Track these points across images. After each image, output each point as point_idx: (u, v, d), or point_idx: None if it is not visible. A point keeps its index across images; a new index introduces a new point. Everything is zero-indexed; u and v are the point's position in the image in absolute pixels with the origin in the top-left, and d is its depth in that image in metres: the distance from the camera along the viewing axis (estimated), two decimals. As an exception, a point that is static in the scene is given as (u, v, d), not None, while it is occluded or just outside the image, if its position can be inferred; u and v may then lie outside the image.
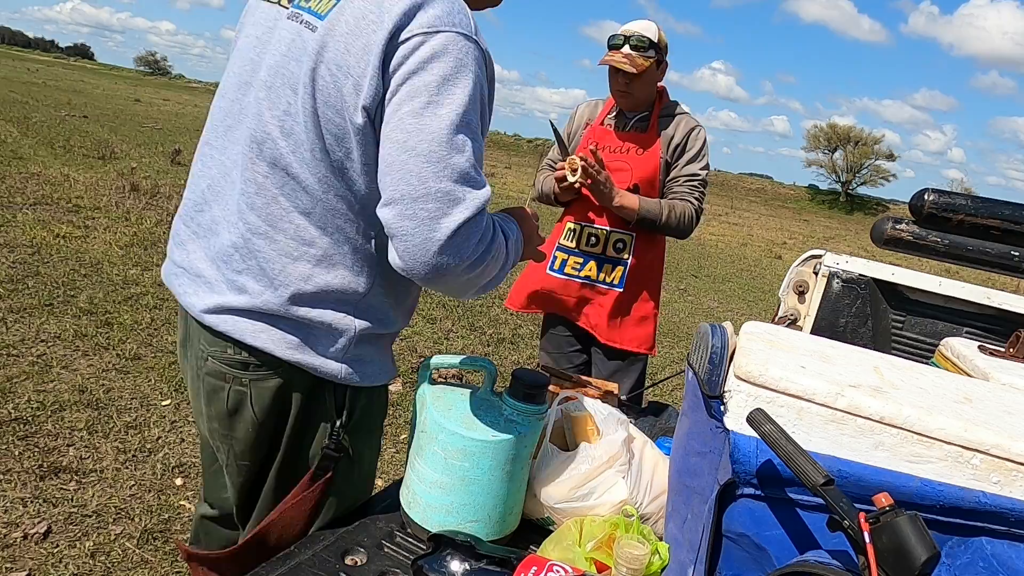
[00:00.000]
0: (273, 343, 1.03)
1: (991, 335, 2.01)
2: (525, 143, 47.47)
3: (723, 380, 0.88)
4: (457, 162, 0.89)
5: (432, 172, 0.88)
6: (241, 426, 1.08)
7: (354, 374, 1.07)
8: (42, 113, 14.84)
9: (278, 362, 1.04)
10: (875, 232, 2.14)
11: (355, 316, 1.05)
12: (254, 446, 1.10)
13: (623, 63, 1.95)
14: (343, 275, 1.02)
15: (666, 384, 4.36)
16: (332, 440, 1.08)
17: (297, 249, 1.01)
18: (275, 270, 1.02)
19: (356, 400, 1.10)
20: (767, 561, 0.79)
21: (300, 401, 1.07)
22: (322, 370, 1.04)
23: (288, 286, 1.01)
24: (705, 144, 2.07)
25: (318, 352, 1.04)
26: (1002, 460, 0.75)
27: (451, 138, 0.89)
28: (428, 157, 0.88)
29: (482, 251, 0.93)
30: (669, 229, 2.02)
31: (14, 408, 2.67)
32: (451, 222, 0.88)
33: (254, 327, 1.03)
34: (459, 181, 0.89)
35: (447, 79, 0.90)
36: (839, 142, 48.44)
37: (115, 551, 2.02)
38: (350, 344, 1.05)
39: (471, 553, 0.87)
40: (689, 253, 11.40)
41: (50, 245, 4.88)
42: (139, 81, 60.39)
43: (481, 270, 0.95)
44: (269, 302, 1.02)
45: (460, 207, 0.89)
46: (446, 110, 0.89)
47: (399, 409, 3.34)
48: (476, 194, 0.91)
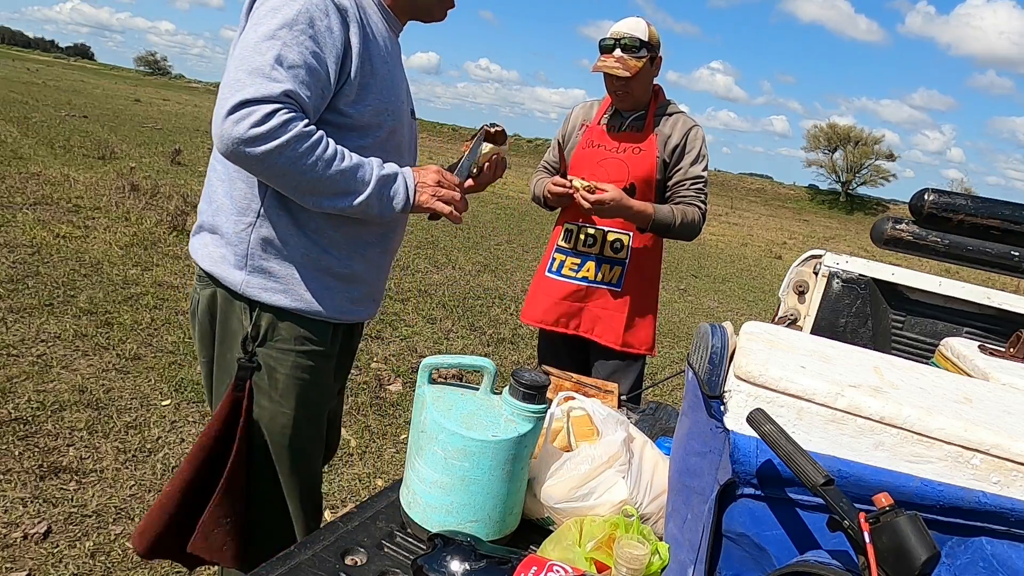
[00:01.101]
0: (201, 257, 1.28)
1: (991, 335, 2.01)
2: (525, 143, 47.45)
3: (723, 380, 0.88)
4: (253, 60, 1.10)
5: (233, 67, 1.11)
6: (197, 328, 1.34)
7: (255, 287, 1.24)
8: (42, 113, 14.84)
9: (208, 273, 1.27)
10: (875, 232, 2.14)
11: (255, 227, 1.23)
12: (202, 347, 1.34)
13: (616, 68, 1.94)
14: (241, 187, 1.23)
15: (666, 384, 4.36)
16: (243, 351, 1.26)
17: (224, 171, 1.25)
18: (211, 191, 1.28)
19: (264, 315, 1.26)
20: (767, 561, 0.79)
21: (223, 309, 1.28)
22: (227, 280, 1.24)
23: (214, 202, 1.26)
24: (704, 143, 2.07)
25: (227, 265, 1.24)
26: (1002, 460, 0.75)
27: (257, 45, 1.10)
28: (236, 58, 1.12)
29: (265, 133, 1.07)
30: (679, 234, 2.03)
31: (14, 408, 2.67)
32: (232, 100, 1.07)
33: (200, 242, 1.29)
34: (251, 73, 1.09)
35: (274, 9, 1.13)
36: (839, 142, 48.42)
37: (115, 551, 2.02)
38: (248, 253, 1.23)
39: (471, 553, 0.87)
40: (689, 253, 11.40)
41: (50, 245, 4.88)
42: (139, 81, 60.39)
43: (273, 153, 1.09)
44: (205, 219, 1.28)
45: (243, 90, 1.08)
46: (262, 28, 1.12)
47: (399, 409, 3.34)
48: (264, 84, 1.09)
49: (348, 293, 1.32)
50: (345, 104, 1.22)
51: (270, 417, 1.28)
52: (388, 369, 3.79)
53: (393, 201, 1.25)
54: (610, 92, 2.06)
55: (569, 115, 2.25)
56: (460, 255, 7.53)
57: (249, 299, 1.25)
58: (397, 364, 3.91)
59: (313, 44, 1.14)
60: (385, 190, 1.23)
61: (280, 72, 1.10)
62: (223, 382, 1.30)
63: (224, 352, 1.29)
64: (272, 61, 1.10)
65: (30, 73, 36.30)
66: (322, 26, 1.14)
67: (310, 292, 1.26)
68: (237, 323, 1.27)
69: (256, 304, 1.25)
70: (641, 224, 1.99)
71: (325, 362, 1.34)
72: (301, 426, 1.31)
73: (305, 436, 1.33)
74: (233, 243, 1.23)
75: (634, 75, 1.95)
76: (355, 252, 1.30)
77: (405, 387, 3.57)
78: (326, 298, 1.28)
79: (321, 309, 1.28)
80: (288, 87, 1.10)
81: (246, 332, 1.25)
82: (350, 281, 1.31)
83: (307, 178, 1.14)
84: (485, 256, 7.78)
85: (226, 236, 1.24)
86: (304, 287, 1.26)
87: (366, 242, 1.31)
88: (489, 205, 12.92)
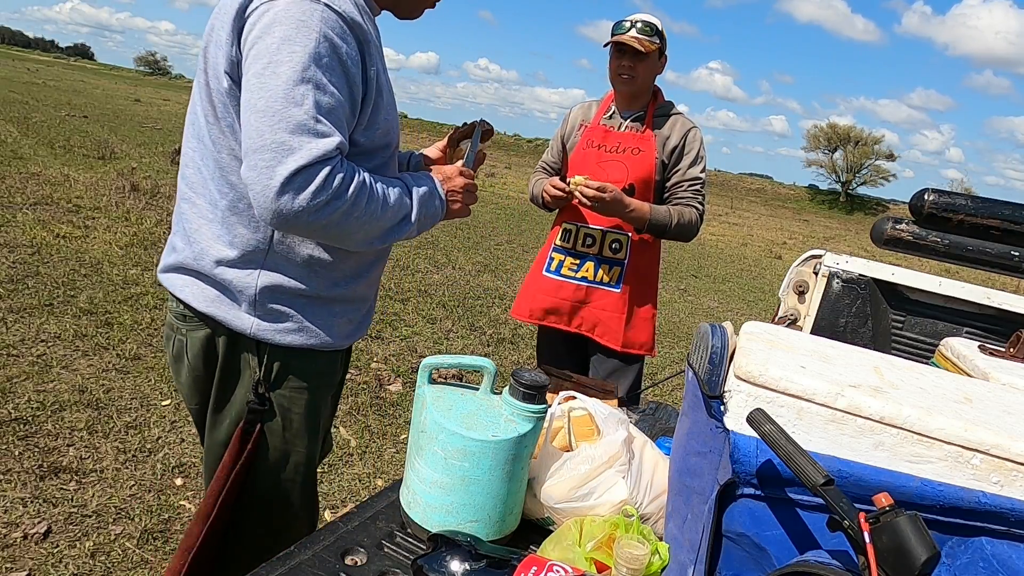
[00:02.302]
0: (194, 297, 1.15)
1: (991, 335, 2.01)
2: (525, 143, 47.46)
3: (723, 380, 0.88)
4: (293, 114, 0.96)
5: (267, 125, 0.96)
6: (183, 372, 1.22)
7: (266, 330, 1.15)
8: (42, 113, 14.84)
9: (203, 314, 1.16)
10: (875, 232, 2.14)
11: (262, 271, 1.13)
12: (193, 391, 1.23)
13: (632, 41, 1.97)
14: (242, 233, 1.12)
15: (666, 384, 4.36)
16: (255, 394, 1.17)
17: (211, 211, 1.12)
18: (192, 229, 1.15)
19: (275, 357, 1.17)
20: (767, 561, 0.79)
21: (224, 352, 1.17)
22: (233, 324, 1.14)
23: (199, 243, 1.14)
24: (702, 145, 2.08)
25: (230, 306, 1.14)
26: (1002, 460, 0.75)
27: (288, 93, 0.96)
28: (264, 112, 0.97)
29: (330, 197, 0.99)
30: (676, 235, 2.04)
31: (14, 408, 2.67)
32: (284, 170, 0.95)
33: (183, 281, 1.17)
34: (295, 132, 0.96)
35: (287, 39, 0.98)
36: (839, 142, 48.41)
37: (115, 551, 2.02)
38: (256, 299, 1.13)
39: (471, 553, 0.87)
40: (689, 253, 11.40)
41: (50, 245, 4.88)
42: (139, 81, 60.40)
43: (340, 216, 1.02)
44: (188, 259, 1.15)
45: (295, 156, 0.96)
46: (284, 68, 0.97)
47: (399, 409, 3.34)
48: (315, 143, 0.97)
49: (353, 316, 1.27)
50: (358, 133, 1.12)
51: (281, 457, 1.22)
52: (388, 369, 3.79)
53: (433, 219, 1.21)
54: (615, 75, 2.06)
55: (568, 115, 2.25)
56: (460, 255, 7.53)
57: (258, 340, 1.16)
58: (397, 364, 3.91)
59: (343, 77, 1.03)
60: (426, 209, 1.18)
61: (324, 124, 0.99)
62: (222, 424, 1.22)
63: (225, 394, 1.20)
64: (313, 111, 0.98)
65: (30, 73, 36.30)
66: (343, 53, 1.02)
67: (321, 326, 1.20)
68: (243, 364, 1.18)
69: (266, 345, 1.16)
70: (637, 224, 2.00)
71: (331, 392, 1.31)
72: (314, 458, 1.28)
73: (315, 465, 1.30)
74: (237, 288, 1.13)
75: (648, 54, 1.98)
76: (361, 276, 1.25)
77: (405, 387, 3.57)
78: (335, 327, 1.22)
79: (332, 340, 1.22)
80: (338, 139, 1.00)
81: (256, 375, 1.17)
82: (354, 302, 1.26)
83: (368, 228, 1.08)
84: (485, 256, 7.78)
85: (226, 282, 1.14)
86: (316, 322, 1.19)
87: (370, 262, 1.27)
88: (489, 205, 12.92)
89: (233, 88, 1.05)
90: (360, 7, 1.10)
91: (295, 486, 1.26)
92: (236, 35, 1.03)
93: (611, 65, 2.06)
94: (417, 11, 1.29)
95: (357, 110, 1.09)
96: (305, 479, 1.27)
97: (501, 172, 22.49)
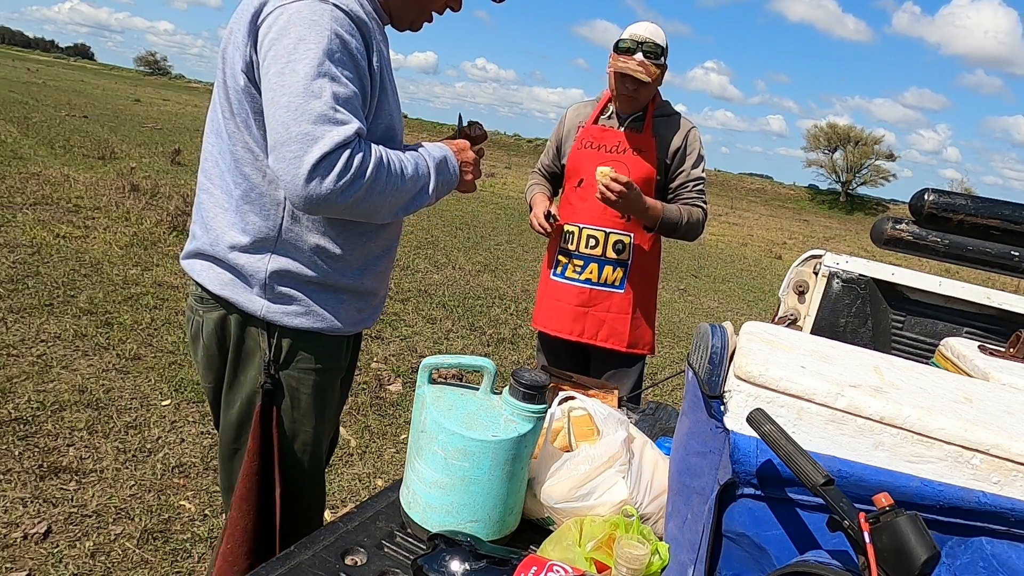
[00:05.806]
0: (209, 280, 1.24)
1: (991, 335, 2.01)
2: (525, 143, 47.46)
3: (723, 380, 0.88)
4: (314, 106, 1.04)
5: (292, 118, 1.04)
6: (200, 351, 1.31)
7: (275, 312, 1.23)
8: (42, 113, 14.84)
9: (218, 296, 1.24)
10: (875, 232, 2.14)
11: (272, 256, 1.21)
12: (208, 370, 1.32)
13: (638, 71, 1.93)
14: (254, 220, 1.20)
15: (666, 384, 4.36)
16: (265, 375, 1.25)
17: (227, 200, 1.21)
18: (209, 217, 1.24)
19: (284, 338, 1.25)
20: (767, 561, 0.79)
21: (236, 332, 1.25)
22: (245, 306, 1.22)
23: (215, 230, 1.22)
24: (701, 144, 2.09)
25: (243, 289, 1.22)
26: (1002, 460, 0.75)
27: (308, 87, 1.05)
28: (288, 107, 1.05)
29: (353, 177, 1.07)
30: (685, 234, 2.04)
31: (14, 408, 2.67)
32: (311, 158, 1.03)
33: (200, 266, 1.26)
34: (317, 122, 1.04)
35: (302, 39, 1.06)
36: (839, 142, 48.40)
37: (115, 551, 2.02)
38: (266, 282, 1.21)
39: (471, 553, 0.87)
40: (689, 253, 11.40)
41: (50, 245, 4.88)
42: (139, 81, 60.40)
43: (364, 193, 1.10)
44: (205, 245, 1.24)
45: (319, 144, 1.04)
46: (301, 65, 1.05)
47: (399, 409, 3.34)
48: (336, 130, 1.05)
49: (360, 305, 1.33)
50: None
51: (291, 435, 1.30)
52: (388, 369, 3.79)
53: (448, 186, 1.29)
54: (618, 94, 2.05)
55: (564, 116, 2.24)
56: (460, 255, 7.53)
57: (268, 322, 1.23)
58: (397, 364, 3.91)
59: (354, 69, 1.12)
60: (442, 176, 1.27)
61: (343, 112, 1.07)
62: (235, 404, 1.29)
63: (237, 374, 1.28)
64: (332, 102, 1.06)
65: (30, 73, 36.30)
66: (353, 47, 1.11)
67: (328, 311, 1.27)
68: (254, 345, 1.25)
69: (276, 327, 1.24)
70: (650, 222, 1.99)
71: (339, 375, 1.36)
72: (321, 440, 1.34)
73: (321, 448, 1.36)
74: (248, 272, 1.21)
75: (653, 81, 1.96)
76: (367, 268, 1.31)
77: (405, 387, 3.57)
78: (342, 314, 1.28)
79: (340, 325, 1.28)
80: (357, 125, 1.08)
81: (267, 356, 1.24)
82: (362, 295, 1.32)
83: (393, 199, 1.16)
84: (485, 256, 7.78)
85: (239, 266, 1.22)
86: (323, 307, 1.26)
87: (376, 256, 1.32)
88: (489, 205, 12.92)
89: (248, 86, 1.14)
90: (367, 10, 1.19)
91: (302, 465, 1.32)
92: (252, 38, 1.12)
93: (613, 79, 2.03)
94: (404, 24, 1.35)
95: (368, 99, 1.17)
96: (312, 460, 1.33)
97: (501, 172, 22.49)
